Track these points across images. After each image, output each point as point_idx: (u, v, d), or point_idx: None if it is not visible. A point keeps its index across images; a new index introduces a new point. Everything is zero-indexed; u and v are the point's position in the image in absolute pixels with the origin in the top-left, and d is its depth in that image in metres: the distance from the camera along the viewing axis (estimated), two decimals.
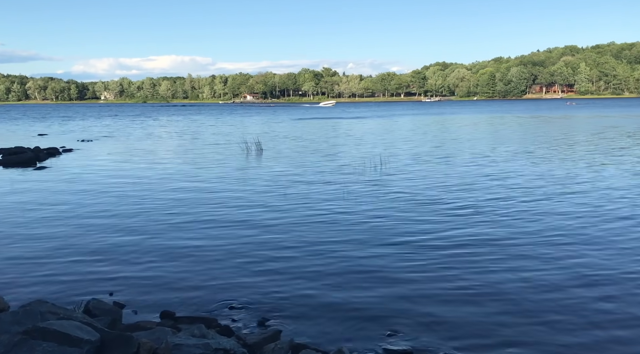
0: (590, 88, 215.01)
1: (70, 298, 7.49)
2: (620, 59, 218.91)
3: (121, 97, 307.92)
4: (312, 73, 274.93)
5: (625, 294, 7.45)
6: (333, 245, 10.08)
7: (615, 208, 12.89)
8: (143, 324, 6.05)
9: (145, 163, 23.95)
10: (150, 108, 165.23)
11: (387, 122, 61.87)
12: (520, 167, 20.53)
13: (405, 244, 10.05)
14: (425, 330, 6.42)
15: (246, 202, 14.27)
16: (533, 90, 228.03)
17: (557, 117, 67.97)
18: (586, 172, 18.75)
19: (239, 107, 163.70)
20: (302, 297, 7.52)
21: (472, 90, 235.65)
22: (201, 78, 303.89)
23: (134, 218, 12.67)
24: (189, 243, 10.36)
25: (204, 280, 8.32)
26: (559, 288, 7.72)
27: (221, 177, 19.10)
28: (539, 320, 6.65)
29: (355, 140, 35.78)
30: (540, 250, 9.59)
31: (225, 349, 4.35)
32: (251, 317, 6.92)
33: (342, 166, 21.55)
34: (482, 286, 7.79)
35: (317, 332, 6.45)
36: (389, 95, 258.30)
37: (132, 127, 57.09)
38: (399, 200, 14.27)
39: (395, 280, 8.10)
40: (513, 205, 13.40)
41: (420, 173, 19.25)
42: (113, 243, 10.52)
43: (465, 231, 10.90)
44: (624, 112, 78.75)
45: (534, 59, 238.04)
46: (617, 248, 9.63)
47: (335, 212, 12.85)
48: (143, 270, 8.82)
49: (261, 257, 9.38)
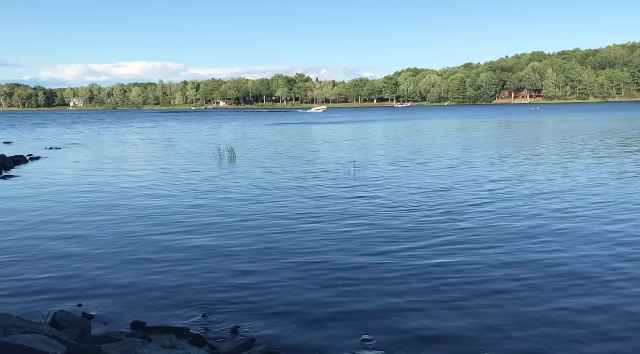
0: (557, 93, 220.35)
1: (37, 311, 7.28)
2: (585, 64, 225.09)
3: (91, 104, 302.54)
4: (285, 79, 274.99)
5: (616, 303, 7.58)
6: (307, 252, 10.04)
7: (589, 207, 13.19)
8: (112, 336, 5.91)
9: (114, 171, 23.53)
10: (121, 114, 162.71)
11: (361, 127, 62.24)
12: (495, 171, 20.84)
13: (380, 251, 10.07)
14: (400, 335, 6.43)
15: (218, 210, 14.13)
16: (502, 95, 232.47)
17: (521, 121, 69.37)
18: (559, 174, 19.16)
19: (214, 113, 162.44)
20: (276, 304, 7.46)
21: (443, 96, 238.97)
22: (173, 84, 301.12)
23: (102, 227, 12.41)
24: (160, 253, 10.19)
25: (176, 289, 8.19)
26: (533, 291, 7.83)
27: (192, 184, 18.89)
28: (516, 326, 6.73)
29: (331, 145, 35.85)
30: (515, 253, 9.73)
31: None
32: (224, 325, 6.83)
33: (317, 172, 21.54)
34: (458, 292, 7.83)
35: (292, 339, 6.40)
36: (361, 101, 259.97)
37: (103, 134, 56.11)
38: (374, 206, 14.33)
39: (370, 286, 8.10)
40: (487, 209, 13.60)
41: (396, 178, 19.36)
42: (82, 253, 10.27)
43: (442, 238, 10.98)
44: (586, 115, 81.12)
45: (502, 64, 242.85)
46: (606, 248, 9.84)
47: (309, 219, 12.82)
48: (113, 280, 8.64)
49: (233, 265, 9.29)
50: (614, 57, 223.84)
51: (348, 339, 6.34)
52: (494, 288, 7.92)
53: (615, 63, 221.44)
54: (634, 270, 8.58)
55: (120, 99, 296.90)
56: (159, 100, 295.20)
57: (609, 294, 7.59)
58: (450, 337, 6.34)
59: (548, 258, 9.30)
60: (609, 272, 8.51)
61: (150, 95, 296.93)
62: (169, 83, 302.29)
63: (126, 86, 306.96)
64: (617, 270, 8.58)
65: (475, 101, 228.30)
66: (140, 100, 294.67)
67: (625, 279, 8.19)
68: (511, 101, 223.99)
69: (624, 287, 7.85)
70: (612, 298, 7.42)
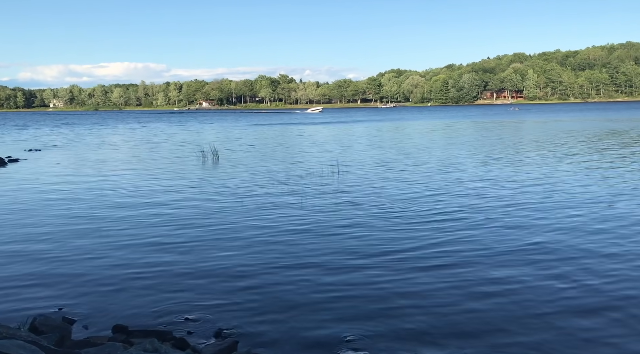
0: (538, 94, 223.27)
1: (15, 316, 7.14)
2: (565, 65, 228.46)
3: (71, 105, 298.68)
4: (269, 80, 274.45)
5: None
6: (290, 254, 10.00)
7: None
8: (93, 340, 5.83)
9: (96, 173, 23.24)
10: (102, 116, 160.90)
11: (346, 128, 62.37)
12: (481, 171, 21.03)
13: (364, 253, 10.09)
14: (384, 334, 6.44)
15: (201, 213, 14.03)
16: (484, 96, 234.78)
17: (497, 121, 70.18)
18: (537, 172, 19.41)
19: (200, 114, 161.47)
20: (260, 307, 7.43)
21: (426, 97, 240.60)
22: (155, 85, 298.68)
23: (83, 230, 12.24)
24: (142, 256, 10.09)
25: (158, 292, 8.11)
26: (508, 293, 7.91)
27: (174, 186, 18.73)
28: (500, 322, 6.79)
29: (316, 146, 35.86)
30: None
31: None
32: (207, 328, 6.78)
33: (302, 173, 21.52)
34: (441, 294, 7.86)
35: (275, 341, 6.37)
36: (345, 102, 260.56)
37: (85, 136, 55.41)
38: (358, 208, 14.35)
39: (353, 288, 8.10)
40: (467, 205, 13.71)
41: (380, 180, 19.42)
42: (63, 256, 10.12)
43: (425, 240, 11.04)
44: (564, 116, 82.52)
45: (484, 65, 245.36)
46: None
47: (292, 221, 12.80)
48: (95, 284, 8.53)
49: (217, 268, 9.23)
50: (593, 59, 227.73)
51: (331, 340, 6.33)
52: (480, 290, 7.97)
53: (594, 64, 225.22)
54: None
55: (101, 100, 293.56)
56: (141, 102, 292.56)
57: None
58: (432, 337, 6.37)
59: (539, 257, 9.41)
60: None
61: (132, 97, 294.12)
62: (151, 84, 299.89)
63: (108, 87, 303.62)
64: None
65: (458, 102, 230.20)
66: (122, 101, 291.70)
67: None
68: (493, 102, 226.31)
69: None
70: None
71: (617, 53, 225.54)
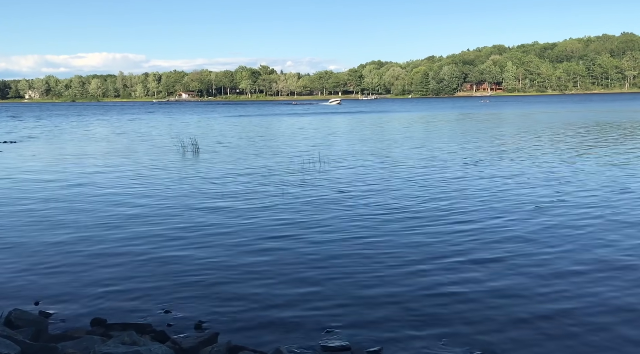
0: (517, 86, 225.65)
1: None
2: (543, 57, 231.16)
3: (47, 96, 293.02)
4: (250, 71, 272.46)
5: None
6: (270, 247, 9.97)
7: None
8: (71, 334, 5.75)
9: (73, 165, 22.87)
10: (79, 107, 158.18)
11: (325, 119, 62.34)
12: (460, 166, 21.22)
13: (344, 245, 10.12)
14: (362, 326, 6.48)
15: (179, 205, 13.90)
16: (464, 88, 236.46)
17: (464, 114, 70.92)
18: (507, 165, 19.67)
19: (189, 105, 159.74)
20: (240, 299, 7.40)
21: (407, 89, 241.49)
22: (133, 76, 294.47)
23: (60, 223, 12.04)
24: (122, 248, 9.97)
25: (138, 284, 8.03)
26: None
27: (152, 178, 18.54)
28: (478, 314, 6.88)
29: (298, 139, 35.78)
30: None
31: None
32: (188, 321, 6.73)
33: (282, 166, 21.47)
34: (418, 285, 7.90)
35: (255, 333, 6.36)
36: (326, 93, 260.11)
37: (61, 127, 54.42)
38: (338, 200, 14.38)
39: (334, 280, 8.12)
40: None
41: (362, 173, 19.47)
42: (39, 249, 9.96)
43: (405, 234, 11.11)
44: (534, 108, 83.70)
45: (464, 57, 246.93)
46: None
47: (273, 214, 12.77)
48: (72, 277, 8.40)
49: (196, 260, 9.16)
50: (571, 51, 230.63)
51: (312, 332, 6.34)
52: (459, 280, 8.06)
53: (571, 56, 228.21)
54: None
55: (78, 91, 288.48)
56: (120, 93, 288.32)
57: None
58: (412, 327, 6.43)
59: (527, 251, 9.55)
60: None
61: (110, 88, 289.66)
62: (130, 75, 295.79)
63: (85, 78, 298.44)
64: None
65: (438, 94, 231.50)
66: (100, 92, 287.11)
67: None
68: (473, 94, 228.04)
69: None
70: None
71: (593, 45, 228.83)
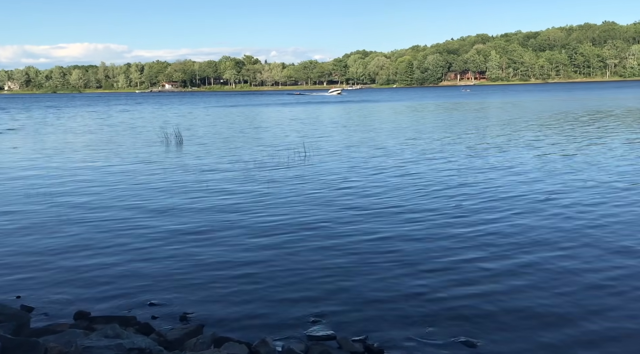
0: (501, 75, 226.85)
1: None
2: (526, 46, 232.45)
3: (27, 87, 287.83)
4: (234, 61, 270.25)
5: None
6: (254, 236, 9.95)
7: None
8: (53, 328, 5.69)
9: (55, 157, 22.55)
10: (61, 98, 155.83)
11: (312, 110, 62.20)
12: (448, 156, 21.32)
13: (328, 234, 10.14)
14: (348, 316, 6.50)
15: (162, 196, 13.80)
16: (448, 78, 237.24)
17: (437, 103, 71.32)
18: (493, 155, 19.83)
19: (180, 95, 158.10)
20: (224, 290, 7.38)
21: (392, 78, 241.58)
22: (116, 66, 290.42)
23: (41, 215, 11.89)
24: (104, 240, 9.87)
25: (121, 277, 7.97)
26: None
27: (135, 170, 18.36)
28: (463, 304, 6.94)
29: (282, 129, 35.66)
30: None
31: (140, 349, 4.14)
32: (172, 312, 6.70)
33: (267, 157, 21.40)
34: (404, 276, 7.89)
35: (240, 324, 6.36)
36: (311, 83, 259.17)
37: (43, 119, 53.56)
38: (323, 189, 14.39)
39: (317, 268, 8.14)
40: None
41: (346, 163, 19.48)
42: (19, 242, 9.82)
43: (386, 225, 11.15)
44: (516, 97, 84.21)
45: (448, 47, 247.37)
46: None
47: (257, 206, 12.73)
48: (55, 270, 8.31)
49: (180, 252, 9.11)
50: (553, 40, 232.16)
51: (298, 321, 6.36)
52: (445, 271, 8.12)
53: (554, 45, 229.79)
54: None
55: (59, 82, 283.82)
56: (101, 84, 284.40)
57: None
58: (397, 315, 6.47)
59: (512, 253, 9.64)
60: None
61: (92, 78, 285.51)
62: (112, 65, 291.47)
63: (66, 69, 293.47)
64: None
65: (423, 83, 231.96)
66: (82, 83, 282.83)
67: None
68: (457, 83, 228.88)
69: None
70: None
71: (575, 34, 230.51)
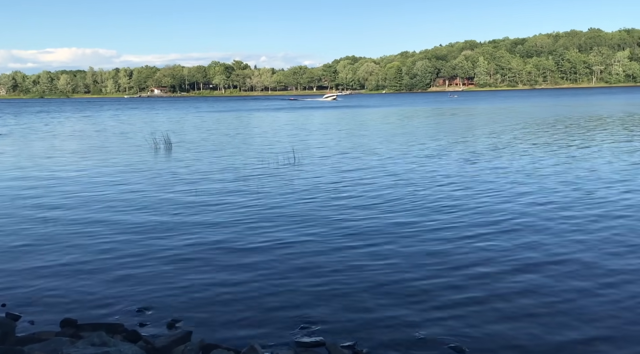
0: (489, 81, 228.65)
1: None
2: (513, 53, 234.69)
3: (14, 92, 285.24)
4: (223, 66, 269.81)
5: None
6: (242, 245, 9.90)
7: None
8: (39, 336, 5.63)
9: (42, 163, 22.36)
10: (48, 103, 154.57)
11: (301, 116, 62.23)
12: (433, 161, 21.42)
13: (316, 239, 10.13)
14: (337, 322, 6.49)
15: (149, 203, 13.71)
16: (437, 83, 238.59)
17: (419, 110, 71.81)
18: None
19: (171, 101, 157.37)
20: (212, 296, 7.35)
21: (381, 84, 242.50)
22: (104, 71, 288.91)
23: (28, 222, 11.76)
24: (91, 247, 9.79)
25: (110, 284, 7.91)
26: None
27: (123, 176, 18.24)
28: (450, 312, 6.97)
29: (271, 135, 35.64)
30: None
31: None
32: (160, 319, 6.66)
33: (257, 162, 21.38)
34: (393, 282, 7.88)
35: (229, 330, 6.33)
36: (301, 89, 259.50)
37: (30, 124, 53.06)
38: (312, 193, 14.39)
39: (306, 275, 8.13)
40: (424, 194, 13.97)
41: (337, 169, 19.51)
42: (5, 250, 9.70)
43: (377, 226, 11.18)
44: (503, 103, 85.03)
45: (437, 53, 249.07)
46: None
47: (245, 211, 12.71)
48: (41, 278, 8.22)
49: (168, 258, 9.06)
50: (540, 46, 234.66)
51: (286, 328, 6.34)
52: (421, 262, 8.15)
53: (541, 51, 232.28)
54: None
55: (47, 87, 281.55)
56: (90, 89, 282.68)
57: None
58: (386, 320, 6.48)
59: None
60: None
61: (80, 83, 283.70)
62: (100, 70, 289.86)
63: (54, 74, 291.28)
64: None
65: (412, 89, 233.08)
66: (70, 88, 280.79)
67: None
68: (445, 89, 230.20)
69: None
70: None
71: (561, 41, 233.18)
